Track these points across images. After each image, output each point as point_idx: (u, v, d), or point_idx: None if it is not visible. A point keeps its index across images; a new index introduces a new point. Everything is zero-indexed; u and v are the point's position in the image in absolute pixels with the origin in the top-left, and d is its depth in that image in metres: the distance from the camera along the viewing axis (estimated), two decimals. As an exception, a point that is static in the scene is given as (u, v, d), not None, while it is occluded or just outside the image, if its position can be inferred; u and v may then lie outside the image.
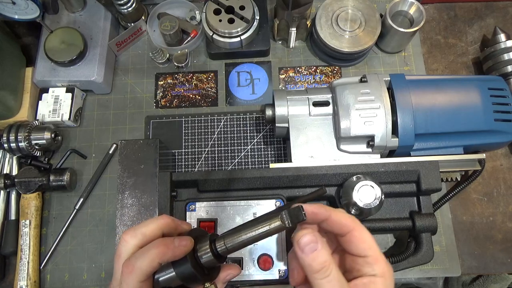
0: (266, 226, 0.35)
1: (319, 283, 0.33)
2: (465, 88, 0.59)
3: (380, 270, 0.35)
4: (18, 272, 0.61)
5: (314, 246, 0.33)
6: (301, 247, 0.34)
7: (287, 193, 0.56)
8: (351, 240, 0.36)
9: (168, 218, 0.37)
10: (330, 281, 0.33)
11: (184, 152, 0.70)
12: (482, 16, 0.79)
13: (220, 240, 0.36)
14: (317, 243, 0.34)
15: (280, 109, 0.59)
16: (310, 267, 0.33)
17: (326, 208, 0.37)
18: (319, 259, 0.33)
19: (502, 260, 0.65)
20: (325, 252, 0.34)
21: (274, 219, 0.35)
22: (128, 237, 0.35)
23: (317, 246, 0.34)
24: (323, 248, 0.34)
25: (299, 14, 0.67)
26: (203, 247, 0.36)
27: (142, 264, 0.33)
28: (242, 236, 0.36)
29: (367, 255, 0.36)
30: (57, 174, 0.64)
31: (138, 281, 0.33)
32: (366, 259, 0.36)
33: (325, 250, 0.34)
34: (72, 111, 0.68)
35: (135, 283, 0.33)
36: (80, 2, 0.71)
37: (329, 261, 0.33)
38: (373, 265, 0.35)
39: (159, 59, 0.73)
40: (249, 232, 0.35)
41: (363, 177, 0.53)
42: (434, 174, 0.55)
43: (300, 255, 0.34)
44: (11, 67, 0.66)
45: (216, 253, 0.36)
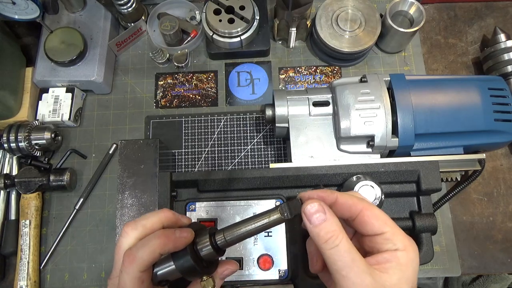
0: (265, 219, 0.35)
1: (328, 253, 0.32)
2: (465, 88, 0.59)
3: (401, 244, 0.33)
4: (18, 272, 0.61)
5: (321, 215, 0.33)
6: (308, 217, 0.33)
7: (287, 193, 0.56)
8: (364, 220, 0.34)
9: (168, 212, 0.38)
10: (339, 251, 0.31)
11: (184, 152, 0.70)
12: (482, 16, 0.79)
13: (220, 233, 0.36)
14: (325, 213, 0.33)
15: (280, 109, 0.59)
16: (318, 237, 0.32)
17: (332, 191, 0.36)
18: (326, 229, 0.32)
19: (502, 260, 0.65)
20: (333, 222, 0.33)
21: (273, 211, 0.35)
22: (129, 229, 0.35)
23: (324, 216, 0.33)
24: (331, 218, 0.33)
25: (299, 14, 0.67)
26: (203, 240, 0.36)
27: (143, 254, 0.33)
28: (242, 229, 0.36)
29: (383, 231, 0.34)
30: (57, 174, 0.64)
31: (139, 271, 0.33)
32: (383, 236, 0.34)
33: (333, 220, 0.33)
34: (72, 111, 0.68)
35: (136, 272, 0.33)
36: (80, 2, 0.71)
37: (338, 230, 0.32)
38: (392, 239, 0.33)
39: (159, 59, 0.73)
40: (249, 225, 0.36)
41: (363, 177, 0.53)
42: (434, 174, 0.55)
43: (308, 226, 0.33)
44: (11, 67, 0.66)
45: (216, 246, 0.36)
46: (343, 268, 0.31)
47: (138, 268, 0.33)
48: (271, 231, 0.54)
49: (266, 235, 0.54)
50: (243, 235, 0.36)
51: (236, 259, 0.53)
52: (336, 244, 0.32)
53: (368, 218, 0.34)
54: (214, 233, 0.37)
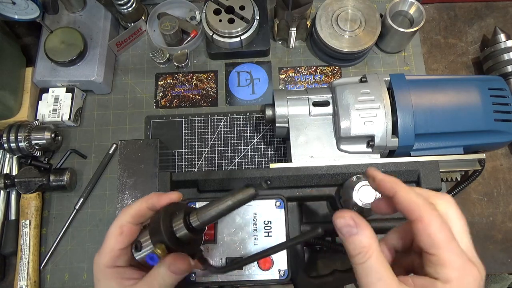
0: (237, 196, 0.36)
1: (355, 268, 0.31)
2: (465, 88, 0.59)
3: (446, 276, 0.29)
4: (18, 272, 0.61)
5: (351, 230, 0.31)
6: (338, 228, 0.32)
7: (287, 193, 0.56)
8: (417, 230, 0.30)
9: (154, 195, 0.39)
10: (367, 269, 0.30)
11: (184, 152, 0.70)
12: (482, 16, 0.79)
13: (193, 214, 0.37)
14: (355, 227, 0.31)
15: (280, 109, 0.59)
16: (348, 250, 0.31)
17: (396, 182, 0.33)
18: (355, 243, 0.31)
19: (502, 260, 0.65)
20: (364, 236, 0.31)
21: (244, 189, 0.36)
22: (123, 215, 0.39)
23: (354, 230, 0.31)
24: (362, 232, 0.31)
25: (299, 14, 0.67)
26: (178, 221, 0.37)
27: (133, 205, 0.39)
28: (214, 208, 0.36)
29: (432, 253, 0.29)
30: (57, 174, 0.64)
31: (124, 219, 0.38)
32: (431, 258, 0.30)
33: (364, 234, 0.31)
34: (72, 111, 0.68)
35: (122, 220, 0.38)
36: (80, 2, 0.71)
37: (367, 247, 0.30)
38: (437, 266, 0.29)
39: (159, 59, 0.73)
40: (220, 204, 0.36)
41: (363, 177, 0.53)
42: (434, 174, 0.55)
43: (340, 236, 0.32)
44: (11, 67, 0.66)
45: (191, 226, 0.37)
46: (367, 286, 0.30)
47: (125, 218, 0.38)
48: (271, 231, 0.54)
49: (266, 235, 0.54)
50: (215, 214, 0.36)
51: (236, 259, 0.53)
52: (364, 261, 0.30)
53: (420, 231, 0.30)
54: (189, 213, 0.37)
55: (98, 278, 0.37)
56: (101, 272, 0.37)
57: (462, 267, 0.29)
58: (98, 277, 0.37)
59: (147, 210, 0.39)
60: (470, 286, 0.29)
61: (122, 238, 0.38)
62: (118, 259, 0.38)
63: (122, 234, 0.38)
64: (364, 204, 0.50)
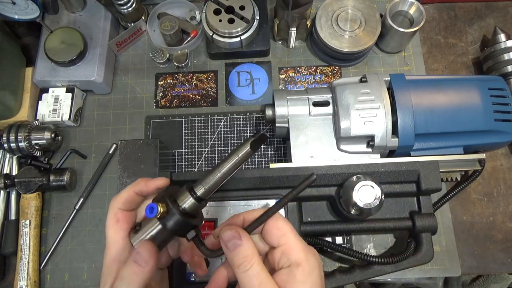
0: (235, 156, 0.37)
1: (240, 277, 0.34)
2: (465, 88, 0.59)
3: (295, 259, 0.35)
4: (18, 272, 0.61)
5: (236, 242, 0.35)
6: (224, 242, 0.35)
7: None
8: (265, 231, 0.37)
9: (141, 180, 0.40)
10: (250, 275, 0.34)
11: (184, 152, 0.70)
12: (482, 16, 0.79)
13: (198, 184, 0.38)
14: (240, 239, 0.35)
15: (280, 109, 0.59)
16: (232, 261, 0.35)
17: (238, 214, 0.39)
18: (240, 254, 0.34)
19: (502, 260, 0.65)
20: (247, 248, 0.35)
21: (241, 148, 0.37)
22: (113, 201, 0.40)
23: (239, 242, 0.35)
24: (245, 244, 0.35)
25: (299, 14, 0.67)
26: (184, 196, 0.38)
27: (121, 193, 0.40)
28: (216, 173, 0.37)
29: (280, 244, 0.36)
30: (57, 174, 0.64)
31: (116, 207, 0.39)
32: (281, 249, 0.36)
33: (247, 246, 0.35)
34: (72, 111, 0.68)
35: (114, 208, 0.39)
36: (80, 2, 0.71)
37: (251, 256, 0.34)
38: (288, 253, 0.35)
39: (159, 59, 0.73)
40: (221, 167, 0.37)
41: (363, 177, 0.53)
42: (434, 174, 0.55)
43: (224, 250, 0.36)
44: (11, 67, 0.66)
45: (197, 197, 0.38)
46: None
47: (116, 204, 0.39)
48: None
49: (266, 235, 0.54)
50: (219, 178, 0.37)
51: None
52: (247, 269, 0.34)
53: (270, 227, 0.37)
54: (191, 186, 0.38)
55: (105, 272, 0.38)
56: (108, 266, 0.37)
57: (305, 249, 0.36)
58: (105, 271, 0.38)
59: (136, 195, 0.40)
60: (315, 264, 0.35)
61: (119, 226, 0.38)
62: (123, 252, 0.38)
63: (119, 221, 0.38)
64: (364, 204, 0.50)
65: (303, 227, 0.56)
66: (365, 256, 0.54)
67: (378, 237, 0.64)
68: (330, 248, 0.58)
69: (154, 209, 0.36)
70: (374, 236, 0.64)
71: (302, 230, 0.56)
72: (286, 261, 0.35)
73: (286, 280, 0.34)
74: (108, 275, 0.37)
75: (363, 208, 0.51)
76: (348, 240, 0.64)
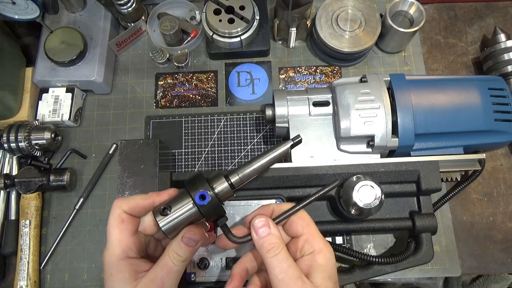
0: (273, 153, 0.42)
1: (270, 261, 0.38)
2: (465, 88, 0.59)
3: (318, 246, 0.40)
4: (18, 272, 0.61)
5: (266, 229, 0.39)
6: (255, 230, 0.40)
7: (287, 193, 0.56)
8: (291, 221, 0.43)
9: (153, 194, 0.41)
10: (278, 259, 0.38)
11: (184, 152, 0.70)
12: (482, 16, 0.79)
13: (233, 172, 0.41)
14: (269, 227, 0.40)
15: (280, 109, 0.59)
16: (263, 247, 0.39)
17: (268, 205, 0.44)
18: (269, 240, 0.39)
19: (502, 260, 0.65)
20: (276, 235, 0.39)
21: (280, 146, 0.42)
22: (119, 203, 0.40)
23: (269, 230, 0.40)
24: (274, 232, 0.40)
25: (299, 14, 0.67)
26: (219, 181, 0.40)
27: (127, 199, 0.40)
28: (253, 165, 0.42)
29: (303, 232, 0.41)
30: (57, 174, 0.64)
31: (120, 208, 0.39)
32: (304, 237, 0.41)
33: (276, 233, 0.40)
34: (72, 111, 0.68)
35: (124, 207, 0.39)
36: (80, 2, 0.71)
37: (279, 243, 0.39)
38: (310, 241, 0.41)
39: (159, 59, 0.73)
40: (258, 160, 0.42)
41: (363, 177, 0.53)
42: (434, 174, 0.55)
43: (254, 237, 0.40)
44: (11, 67, 0.66)
45: (231, 183, 0.41)
46: (280, 273, 0.37)
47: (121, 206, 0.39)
48: (271, 231, 0.54)
49: (266, 235, 0.54)
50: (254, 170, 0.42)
51: (236, 259, 0.53)
52: (276, 253, 0.38)
53: (296, 218, 0.43)
54: (227, 175, 0.41)
55: (110, 272, 0.37)
56: (113, 266, 0.37)
57: (324, 240, 0.41)
58: (110, 271, 0.37)
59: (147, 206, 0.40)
60: (332, 253, 0.41)
61: (125, 225, 0.38)
62: (130, 251, 0.38)
63: (124, 222, 0.38)
64: (364, 204, 0.50)
65: (303, 227, 0.56)
66: (365, 256, 0.54)
67: (378, 237, 0.64)
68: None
69: (206, 197, 0.38)
70: (374, 236, 0.64)
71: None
72: (309, 248, 0.40)
73: (309, 265, 0.39)
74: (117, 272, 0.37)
75: (363, 208, 0.51)
76: (348, 240, 0.64)
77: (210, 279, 0.53)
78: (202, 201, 0.38)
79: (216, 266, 0.53)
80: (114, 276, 0.37)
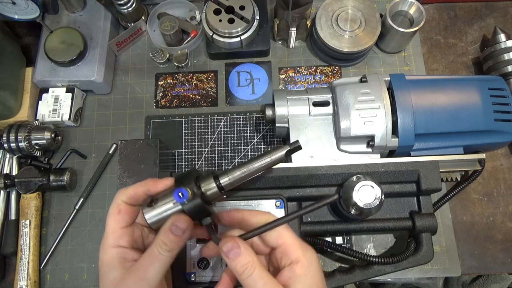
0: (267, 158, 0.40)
1: (246, 282, 0.37)
2: (465, 88, 0.59)
3: (294, 256, 0.38)
4: (18, 272, 0.61)
5: (237, 251, 0.37)
6: (225, 253, 0.38)
7: (287, 193, 0.56)
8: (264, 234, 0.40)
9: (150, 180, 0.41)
10: (253, 279, 0.36)
11: (184, 152, 0.70)
12: (482, 16, 0.79)
13: (224, 174, 0.41)
14: (239, 248, 0.37)
15: (280, 109, 0.59)
16: (235, 270, 0.37)
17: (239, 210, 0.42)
18: (241, 262, 0.37)
19: (502, 260, 0.65)
20: (247, 255, 0.37)
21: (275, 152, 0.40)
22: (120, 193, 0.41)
23: (239, 250, 0.37)
24: (245, 252, 0.37)
25: (299, 14, 0.67)
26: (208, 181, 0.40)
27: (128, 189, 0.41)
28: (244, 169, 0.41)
29: (278, 245, 0.39)
30: (57, 174, 0.64)
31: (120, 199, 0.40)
32: (280, 249, 0.39)
33: (247, 253, 0.37)
34: (72, 111, 0.68)
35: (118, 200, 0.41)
36: (80, 2, 0.71)
37: (252, 261, 0.37)
38: (287, 253, 0.39)
39: (159, 59, 0.73)
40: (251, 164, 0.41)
41: (363, 177, 0.53)
42: (434, 174, 0.55)
43: (226, 261, 0.38)
44: (11, 67, 0.66)
45: (220, 186, 0.40)
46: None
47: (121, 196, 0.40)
48: (271, 231, 0.54)
49: (266, 235, 0.54)
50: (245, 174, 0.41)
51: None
52: (251, 273, 0.36)
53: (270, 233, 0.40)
54: (217, 175, 0.41)
55: (101, 258, 0.39)
56: (104, 253, 0.39)
57: (302, 246, 0.39)
58: (102, 257, 0.39)
59: (143, 193, 0.41)
60: (313, 260, 0.38)
61: (120, 216, 0.40)
62: (121, 239, 0.39)
63: (120, 212, 0.40)
64: (364, 204, 0.50)
65: (303, 227, 0.56)
66: (365, 256, 0.54)
67: (378, 237, 0.64)
68: (330, 248, 0.58)
69: (185, 195, 0.37)
70: (374, 236, 0.64)
71: (302, 230, 0.56)
72: (286, 260, 0.38)
73: (288, 277, 0.37)
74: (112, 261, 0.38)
75: (363, 208, 0.51)
76: (348, 240, 0.64)
77: (210, 279, 0.53)
78: (181, 199, 0.37)
79: (216, 266, 0.53)
80: (103, 261, 0.38)
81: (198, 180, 0.40)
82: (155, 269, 0.37)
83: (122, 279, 0.37)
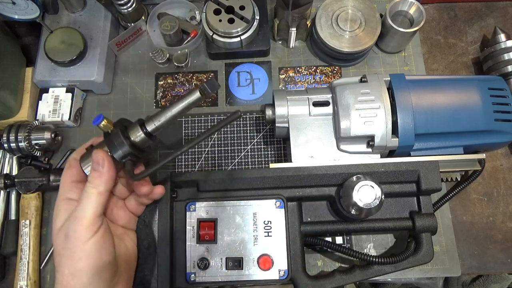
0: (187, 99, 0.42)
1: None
2: (465, 88, 0.59)
3: None
4: (18, 272, 0.61)
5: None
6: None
7: (287, 193, 0.56)
8: None
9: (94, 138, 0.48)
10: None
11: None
12: (482, 16, 0.79)
13: (149, 121, 0.44)
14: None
15: (280, 109, 0.59)
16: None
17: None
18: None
19: (502, 260, 0.65)
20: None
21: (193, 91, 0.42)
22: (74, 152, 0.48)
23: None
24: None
25: (299, 14, 0.67)
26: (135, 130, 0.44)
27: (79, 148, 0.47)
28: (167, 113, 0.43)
29: None
30: (57, 174, 0.64)
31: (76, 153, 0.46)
32: None
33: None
34: (72, 111, 0.68)
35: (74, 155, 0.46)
36: (80, 2, 0.71)
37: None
38: None
39: (159, 59, 0.73)
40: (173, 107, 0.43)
41: (363, 177, 0.53)
42: (434, 174, 0.55)
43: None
44: (11, 67, 0.66)
45: (147, 132, 0.44)
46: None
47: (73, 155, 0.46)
48: (271, 231, 0.54)
49: (266, 235, 0.54)
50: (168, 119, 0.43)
51: (236, 259, 0.53)
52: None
53: None
54: (143, 122, 0.44)
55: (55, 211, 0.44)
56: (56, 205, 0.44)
57: None
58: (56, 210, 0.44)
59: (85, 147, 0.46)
60: None
61: (70, 171, 0.45)
62: (70, 191, 0.44)
63: (70, 167, 0.45)
64: (364, 204, 0.50)
65: (303, 227, 0.56)
66: (365, 256, 0.54)
67: (378, 237, 0.64)
68: (330, 248, 0.58)
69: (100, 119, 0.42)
70: (374, 236, 0.64)
71: (302, 230, 0.56)
72: None
73: None
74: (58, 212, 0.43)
75: (363, 208, 0.51)
76: (348, 240, 0.64)
77: (210, 279, 0.53)
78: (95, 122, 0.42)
79: (216, 266, 0.53)
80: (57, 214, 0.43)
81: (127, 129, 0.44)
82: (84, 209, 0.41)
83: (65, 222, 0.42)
